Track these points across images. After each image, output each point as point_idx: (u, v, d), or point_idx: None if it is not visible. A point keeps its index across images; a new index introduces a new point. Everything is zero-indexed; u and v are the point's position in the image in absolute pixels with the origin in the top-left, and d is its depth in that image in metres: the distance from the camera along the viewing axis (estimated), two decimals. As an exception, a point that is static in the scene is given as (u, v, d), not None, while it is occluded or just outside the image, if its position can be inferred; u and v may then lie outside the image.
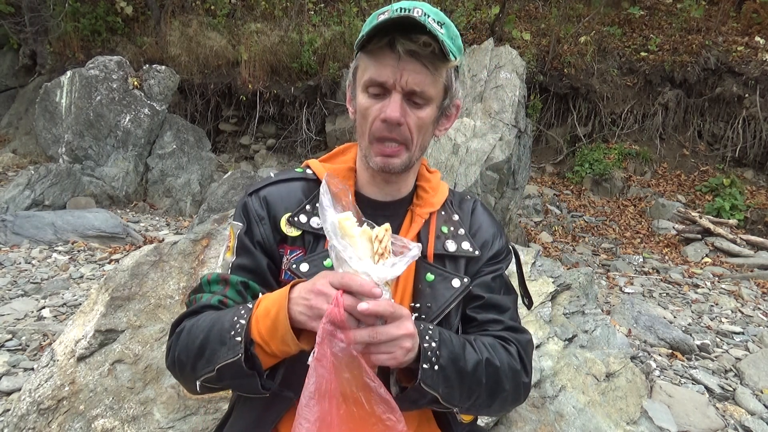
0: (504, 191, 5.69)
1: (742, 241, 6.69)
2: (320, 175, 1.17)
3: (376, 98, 1.05)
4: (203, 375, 0.98)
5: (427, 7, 1.03)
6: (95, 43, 9.43)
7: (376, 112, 1.05)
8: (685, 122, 9.14)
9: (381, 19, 0.99)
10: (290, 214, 1.13)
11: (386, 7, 1.05)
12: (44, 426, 1.93)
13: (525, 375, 1.10)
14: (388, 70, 1.02)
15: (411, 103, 1.05)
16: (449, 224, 1.19)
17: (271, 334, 0.93)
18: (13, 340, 3.04)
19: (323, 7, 9.96)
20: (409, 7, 1.01)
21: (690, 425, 2.80)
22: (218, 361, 0.94)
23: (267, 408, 1.09)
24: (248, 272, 1.11)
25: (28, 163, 7.72)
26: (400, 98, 1.03)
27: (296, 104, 8.98)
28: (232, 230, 1.17)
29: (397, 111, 1.03)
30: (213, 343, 0.96)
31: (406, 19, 0.97)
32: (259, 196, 1.16)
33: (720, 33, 9.28)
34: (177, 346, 1.03)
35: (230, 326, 0.96)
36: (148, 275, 2.22)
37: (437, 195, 1.21)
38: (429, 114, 1.07)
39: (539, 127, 9.15)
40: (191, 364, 1.00)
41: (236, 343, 0.93)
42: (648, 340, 3.84)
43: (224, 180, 5.94)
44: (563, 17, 9.44)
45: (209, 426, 1.92)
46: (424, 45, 0.98)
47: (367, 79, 1.04)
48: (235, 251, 1.13)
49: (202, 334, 0.99)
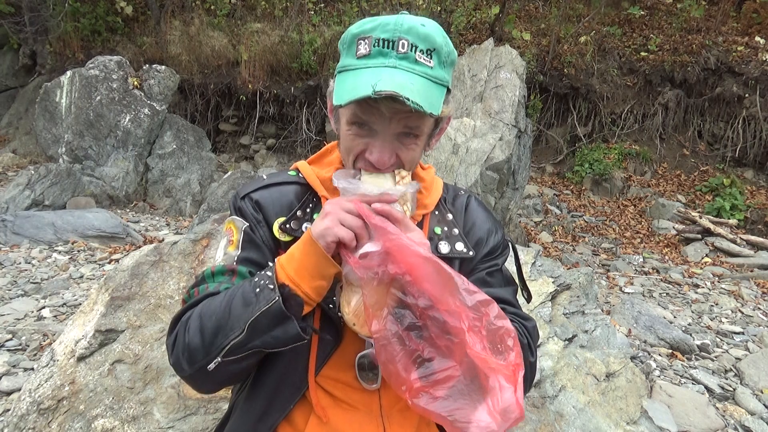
0: (504, 191, 5.69)
1: (742, 241, 6.69)
2: (310, 178, 1.16)
3: (360, 134, 1.02)
4: (227, 344, 0.95)
5: (414, 34, 0.97)
6: (95, 43, 9.43)
7: (362, 146, 1.03)
8: (685, 122, 9.14)
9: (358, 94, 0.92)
10: (282, 221, 1.11)
11: (366, 28, 0.99)
12: (44, 426, 1.93)
13: (531, 354, 1.12)
14: (374, 116, 0.98)
15: (401, 136, 1.02)
16: (442, 224, 1.18)
17: (301, 272, 0.95)
18: (13, 340, 3.04)
19: (323, 7, 9.96)
20: (392, 38, 0.96)
21: (690, 425, 2.80)
22: (249, 317, 0.94)
23: (272, 401, 1.08)
24: (256, 265, 1.09)
25: (28, 163, 7.72)
26: (389, 142, 1.01)
27: (296, 104, 8.98)
28: (233, 224, 1.13)
29: (385, 156, 1.01)
30: (236, 309, 0.95)
31: (392, 99, 0.91)
32: (252, 200, 1.14)
33: (720, 33, 9.28)
34: (187, 334, 1.00)
35: (252, 287, 0.96)
36: (148, 275, 2.22)
37: (431, 195, 1.20)
38: (420, 144, 1.06)
39: (539, 127, 9.15)
40: (209, 341, 0.97)
41: (269, 292, 0.94)
42: (648, 340, 3.84)
43: (224, 180, 5.94)
44: (563, 17, 9.43)
45: (209, 426, 1.92)
46: (408, 111, 0.94)
47: (350, 115, 1.01)
48: (241, 245, 1.10)
49: (221, 308, 0.97)
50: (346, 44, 1.03)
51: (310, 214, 1.13)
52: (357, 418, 1.08)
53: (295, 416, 1.09)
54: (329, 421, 1.07)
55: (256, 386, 1.10)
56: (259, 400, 1.09)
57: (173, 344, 1.03)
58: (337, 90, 1.01)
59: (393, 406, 1.11)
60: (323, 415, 1.07)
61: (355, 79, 0.97)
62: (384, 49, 0.97)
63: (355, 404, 1.09)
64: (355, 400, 1.09)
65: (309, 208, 1.14)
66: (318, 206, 1.14)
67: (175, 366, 1.05)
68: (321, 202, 1.14)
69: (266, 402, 1.08)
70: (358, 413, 1.09)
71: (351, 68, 1.00)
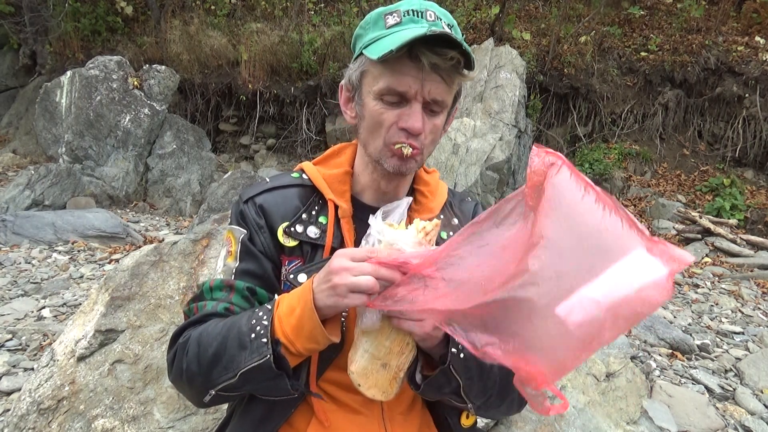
0: (504, 191, 5.69)
1: (742, 241, 6.69)
2: (316, 180, 1.15)
3: (391, 105, 1.03)
4: (222, 383, 0.96)
5: (437, 8, 1.01)
6: (95, 43, 9.43)
7: (393, 118, 1.03)
8: (685, 122, 9.13)
9: (410, 36, 0.94)
10: (287, 225, 1.10)
11: (391, 7, 1.03)
12: (44, 426, 1.93)
13: None
14: (408, 80, 0.99)
15: (428, 111, 1.04)
16: (447, 229, 1.18)
17: (297, 332, 0.93)
18: (13, 340, 3.04)
19: (323, 7, 9.96)
20: (420, 8, 1.00)
21: (690, 425, 2.80)
22: (241, 365, 0.93)
23: (273, 406, 1.07)
24: (254, 277, 1.08)
25: (28, 163, 7.72)
26: (420, 108, 1.02)
27: (296, 104, 8.98)
28: (232, 235, 1.12)
29: (420, 122, 1.02)
30: (231, 348, 0.94)
31: (442, 36, 0.94)
32: (255, 204, 1.12)
33: (720, 33, 9.28)
34: (185, 357, 1.00)
35: (249, 329, 0.94)
36: (148, 275, 2.22)
37: (436, 199, 1.19)
38: (442, 120, 1.08)
39: (539, 127, 9.14)
40: (205, 373, 0.97)
41: (261, 345, 0.92)
42: (648, 340, 3.84)
43: (224, 180, 5.94)
44: (563, 17, 9.43)
45: (209, 426, 1.92)
46: (449, 59, 0.97)
47: (383, 87, 1.02)
48: (239, 256, 1.09)
49: (216, 341, 0.96)
50: (370, 23, 1.05)
51: (315, 217, 1.11)
52: (358, 421, 1.08)
53: (296, 420, 1.08)
54: (331, 425, 1.06)
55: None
56: (259, 404, 1.08)
57: (172, 363, 1.04)
58: (374, 51, 0.99)
59: (395, 409, 1.11)
60: (325, 419, 1.06)
61: (395, 38, 0.98)
62: (415, 17, 1.00)
63: (357, 408, 1.09)
64: (357, 404, 1.09)
65: (314, 210, 1.12)
66: (324, 209, 1.13)
67: (174, 384, 1.06)
68: (327, 205, 1.13)
69: (267, 406, 1.07)
70: (359, 417, 1.08)
71: (383, 36, 1.01)
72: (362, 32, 1.07)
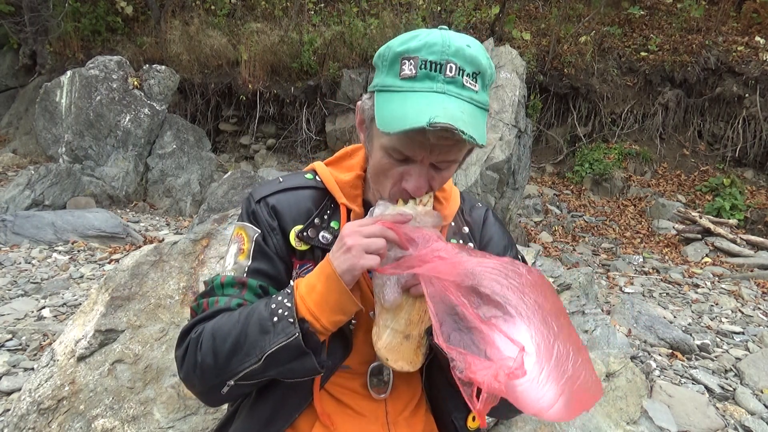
0: (504, 191, 5.69)
1: (742, 241, 6.69)
2: (328, 184, 1.14)
3: (398, 162, 1.00)
4: (242, 370, 0.95)
5: (461, 57, 0.93)
6: (95, 43, 9.43)
7: (397, 176, 1.01)
8: (685, 122, 9.13)
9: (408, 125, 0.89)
10: (299, 229, 1.09)
11: (411, 47, 0.95)
12: (44, 426, 1.93)
13: None
14: (415, 146, 0.96)
15: (435, 167, 1.01)
16: (458, 237, 1.17)
17: (322, 306, 0.94)
18: (13, 340, 3.04)
19: (323, 7, 9.96)
20: (440, 60, 0.92)
21: (690, 425, 2.80)
22: (266, 348, 0.93)
23: (278, 409, 1.07)
24: (267, 277, 1.07)
25: (28, 163, 7.72)
26: (425, 171, 1.00)
27: (296, 104, 8.97)
28: (244, 232, 1.10)
29: (422, 185, 1.00)
30: (252, 335, 0.94)
31: (449, 132, 0.88)
32: (268, 205, 1.11)
33: (720, 33, 9.28)
34: (199, 351, 0.98)
35: (270, 314, 0.94)
36: (148, 275, 2.22)
37: (450, 206, 1.18)
38: (453, 170, 1.05)
39: (539, 127, 9.14)
40: (222, 365, 0.96)
41: (288, 325, 0.93)
42: (648, 340, 3.84)
43: (224, 180, 5.93)
44: (563, 17, 9.43)
45: (209, 426, 1.92)
46: (456, 138, 0.92)
47: (389, 146, 0.98)
48: (251, 255, 1.07)
49: (235, 330, 0.96)
50: (387, 61, 0.98)
51: (327, 222, 1.10)
52: (362, 425, 1.08)
53: (300, 423, 1.08)
54: (335, 428, 1.06)
55: (263, 393, 1.08)
56: (265, 406, 1.07)
57: (183, 358, 1.02)
58: (380, 113, 0.96)
59: (399, 413, 1.10)
60: (328, 422, 1.06)
61: (402, 105, 0.93)
62: (431, 72, 0.93)
63: (362, 411, 1.08)
64: (361, 407, 1.09)
65: (327, 215, 1.11)
66: (336, 213, 1.11)
67: (185, 381, 1.04)
68: (339, 209, 1.12)
69: (272, 409, 1.07)
70: (363, 420, 1.08)
71: (395, 89, 0.96)
72: (379, 63, 1.01)
